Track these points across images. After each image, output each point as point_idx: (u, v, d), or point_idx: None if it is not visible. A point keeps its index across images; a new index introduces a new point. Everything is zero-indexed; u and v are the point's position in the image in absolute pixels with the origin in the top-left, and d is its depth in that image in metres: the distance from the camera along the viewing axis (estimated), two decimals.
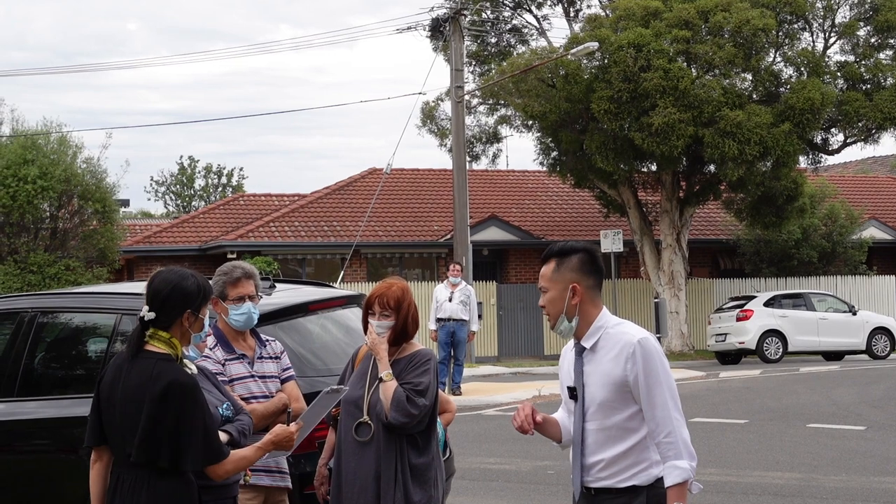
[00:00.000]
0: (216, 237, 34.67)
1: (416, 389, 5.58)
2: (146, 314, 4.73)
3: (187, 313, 4.79)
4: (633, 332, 4.65)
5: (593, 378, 4.66)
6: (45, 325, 7.63)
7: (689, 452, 4.53)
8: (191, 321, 4.79)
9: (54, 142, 28.61)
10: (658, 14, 29.85)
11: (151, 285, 4.82)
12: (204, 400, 4.68)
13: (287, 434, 4.87)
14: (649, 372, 4.54)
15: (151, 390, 4.58)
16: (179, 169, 73.94)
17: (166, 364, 4.66)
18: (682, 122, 28.58)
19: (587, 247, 4.75)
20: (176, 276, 4.81)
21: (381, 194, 33.34)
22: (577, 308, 4.68)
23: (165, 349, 4.71)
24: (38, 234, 28.73)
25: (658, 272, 32.82)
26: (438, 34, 30.39)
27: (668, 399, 4.53)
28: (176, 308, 4.78)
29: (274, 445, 4.85)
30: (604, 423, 4.61)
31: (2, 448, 7.34)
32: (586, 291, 4.70)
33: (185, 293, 4.79)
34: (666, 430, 4.52)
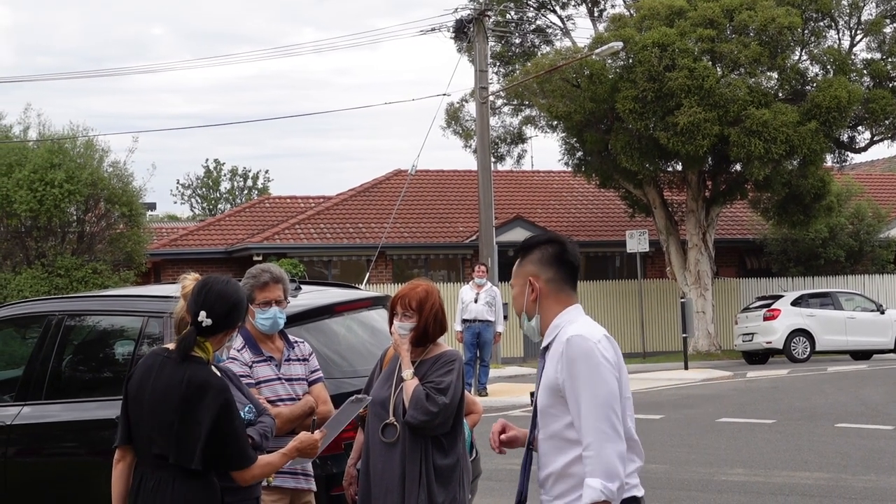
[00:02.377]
0: (242, 240, 34.76)
1: (438, 388, 5.57)
2: (205, 321, 4.75)
3: (237, 325, 4.90)
4: (570, 331, 4.18)
5: (541, 382, 4.29)
6: (72, 329, 7.67)
7: (605, 471, 3.97)
8: (230, 334, 4.88)
9: (81, 146, 28.71)
10: (683, 13, 29.76)
11: (210, 295, 4.80)
12: (235, 404, 4.70)
13: (311, 442, 4.90)
14: (574, 375, 4.09)
15: (185, 393, 4.60)
16: (205, 172, 74.24)
17: (199, 367, 4.68)
18: (707, 122, 28.48)
19: (552, 238, 4.34)
20: (235, 292, 4.85)
21: (407, 196, 33.35)
22: (536, 305, 4.26)
23: (199, 352, 4.74)
24: (66, 238, 28.85)
25: (684, 272, 32.71)
26: (462, 35, 30.37)
27: (594, 408, 4.02)
28: (232, 323, 4.86)
29: (298, 452, 4.88)
30: (546, 432, 4.25)
31: (30, 451, 7.38)
32: (545, 286, 4.24)
33: (243, 311, 4.91)
34: (586, 443, 4.03)
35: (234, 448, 4.60)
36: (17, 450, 7.33)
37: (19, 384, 7.55)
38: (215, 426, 4.57)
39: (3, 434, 7.30)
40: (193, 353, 4.71)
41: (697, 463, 12.51)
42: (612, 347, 4.20)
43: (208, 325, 4.73)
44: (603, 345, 4.14)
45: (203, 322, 4.72)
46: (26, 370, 7.56)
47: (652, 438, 14.61)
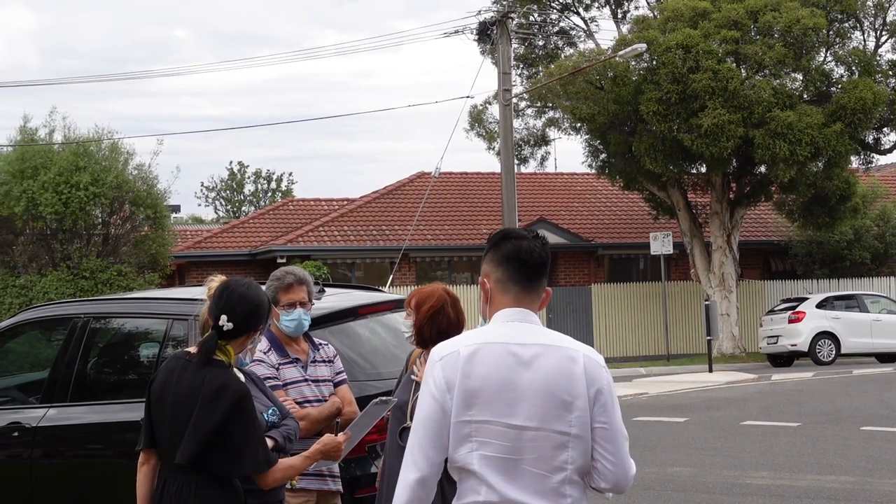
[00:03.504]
0: (266, 242, 34.85)
1: None
2: (226, 325, 4.77)
3: (259, 328, 4.89)
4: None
5: None
6: (97, 331, 7.70)
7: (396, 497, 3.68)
8: (252, 338, 4.89)
9: (106, 149, 28.85)
10: (706, 15, 29.69)
11: (231, 298, 4.81)
12: (255, 408, 4.71)
13: (335, 444, 4.91)
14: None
15: (205, 396, 4.61)
16: (229, 174, 74.48)
17: (220, 371, 4.69)
18: (731, 124, 28.40)
19: (506, 233, 3.91)
20: (256, 295, 4.86)
21: (430, 198, 33.36)
22: (487, 307, 3.88)
23: (220, 356, 4.75)
24: (91, 241, 28.98)
25: (708, 274, 32.62)
26: (486, 37, 30.35)
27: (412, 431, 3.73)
28: (254, 326, 4.86)
29: (322, 455, 4.89)
30: None
31: (56, 453, 7.42)
32: (494, 286, 3.84)
33: (264, 313, 4.90)
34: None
35: (246, 451, 4.60)
36: (43, 452, 7.37)
37: (45, 386, 7.60)
38: (237, 430, 4.58)
39: (28, 436, 7.34)
40: (215, 357, 4.72)
41: (722, 466, 12.47)
42: (453, 366, 3.63)
43: (230, 329, 4.75)
44: (441, 364, 3.66)
45: (224, 325, 4.73)
46: (52, 372, 7.60)
47: (676, 441, 14.58)
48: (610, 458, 3.62)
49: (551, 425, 3.57)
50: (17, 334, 8.38)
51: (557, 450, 3.56)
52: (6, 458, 7.49)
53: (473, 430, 3.59)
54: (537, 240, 3.86)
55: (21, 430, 7.35)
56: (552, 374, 3.59)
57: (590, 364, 3.64)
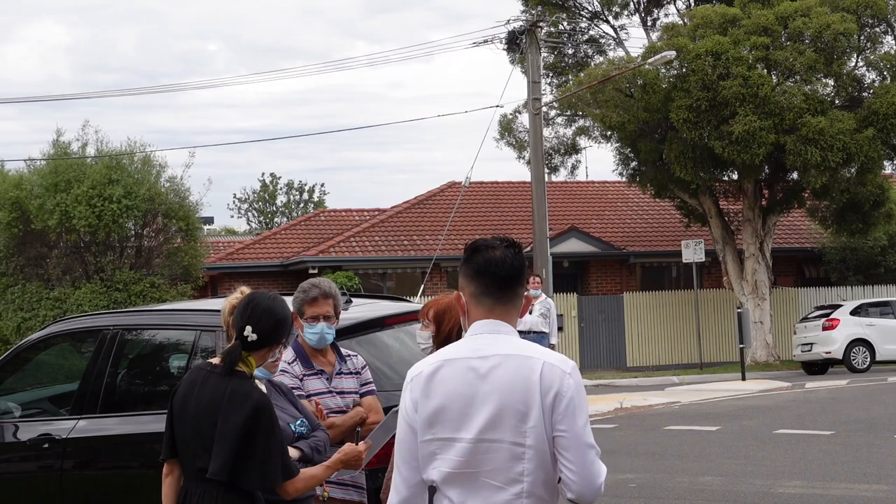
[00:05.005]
0: (298, 253, 34.96)
1: None
2: (250, 335, 4.80)
3: (282, 341, 4.95)
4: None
5: None
6: (127, 342, 7.75)
7: None
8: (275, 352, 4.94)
9: (138, 161, 29.02)
10: (736, 21, 29.58)
11: (256, 310, 4.84)
12: (276, 418, 4.73)
13: (355, 453, 4.95)
14: None
15: (227, 406, 4.64)
16: (261, 186, 74.76)
17: (242, 381, 4.72)
18: (762, 130, 28.28)
19: (477, 245, 3.78)
20: (281, 309, 4.90)
21: (461, 207, 33.38)
22: (465, 320, 3.80)
23: (241, 367, 4.79)
24: (124, 253, 29.16)
25: (741, 282, 32.46)
26: (515, 47, 30.34)
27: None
28: (277, 339, 4.90)
29: (343, 464, 4.92)
30: None
31: (86, 464, 7.47)
32: (469, 300, 3.74)
33: (287, 328, 4.95)
34: None
35: (267, 461, 4.62)
36: (74, 463, 7.42)
37: (75, 398, 7.66)
38: (259, 441, 4.61)
39: (59, 447, 7.39)
40: (237, 368, 4.75)
41: (754, 475, 12.39)
42: (418, 386, 3.65)
43: (253, 340, 4.77)
44: (410, 386, 3.68)
45: (248, 336, 4.76)
46: (82, 384, 7.66)
47: (708, 450, 14.51)
48: (571, 468, 3.50)
49: (505, 436, 3.51)
50: (48, 346, 8.46)
51: (512, 461, 3.51)
52: (37, 469, 7.55)
53: (437, 448, 3.58)
54: (510, 248, 3.76)
55: (51, 442, 7.41)
56: (508, 384, 3.53)
57: (548, 371, 3.53)
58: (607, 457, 13.59)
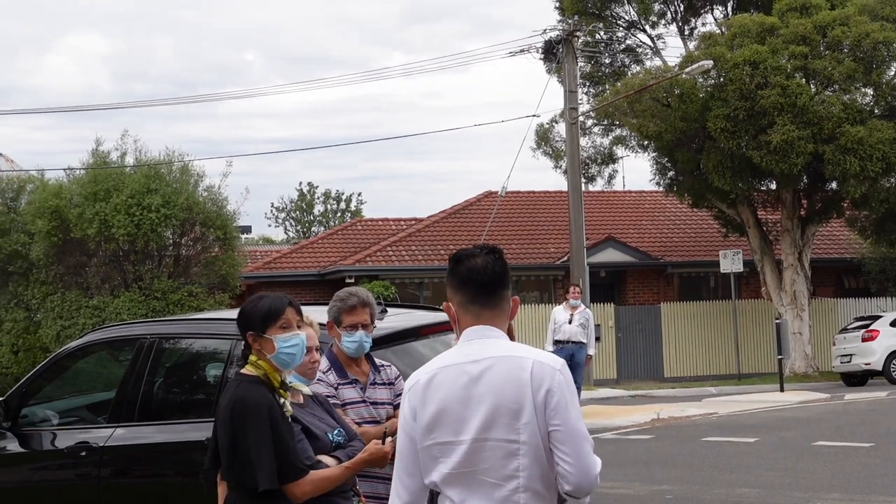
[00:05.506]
0: (335, 262, 35.04)
1: None
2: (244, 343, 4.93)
3: (250, 335, 4.89)
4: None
5: None
6: (164, 351, 7.80)
7: None
8: (259, 342, 4.88)
9: (176, 171, 29.16)
10: (774, 30, 29.44)
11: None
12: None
13: (381, 453, 4.91)
14: None
15: (219, 409, 4.76)
16: (299, 195, 75.04)
17: (238, 384, 4.79)
18: (801, 140, 28.11)
19: (459, 255, 3.93)
20: (246, 304, 4.97)
21: (497, 217, 33.38)
22: (456, 328, 3.90)
23: (252, 370, 4.83)
24: (162, 262, 29.30)
25: (780, 292, 32.25)
26: (551, 56, 30.36)
27: None
28: (242, 331, 4.94)
29: (366, 464, 4.89)
30: None
31: (122, 472, 7.51)
32: (458, 309, 3.86)
33: (244, 315, 4.95)
34: None
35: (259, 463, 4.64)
36: (111, 471, 7.47)
37: (112, 406, 7.71)
38: (240, 440, 4.68)
39: (96, 455, 7.44)
40: (247, 372, 4.82)
41: (793, 487, 12.30)
42: (415, 395, 3.75)
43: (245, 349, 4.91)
44: (408, 395, 3.78)
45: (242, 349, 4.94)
46: (119, 392, 7.72)
47: (746, 462, 14.41)
48: (567, 460, 3.58)
49: (500, 434, 3.61)
50: (86, 354, 8.53)
51: (507, 458, 3.61)
52: (75, 477, 7.60)
53: (438, 452, 3.69)
54: (490, 255, 3.88)
55: (88, 450, 7.46)
56: (500, 384, 3.63)
57: (538, 368, 3.63)
58: (644, 468, 13.65)
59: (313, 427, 5.14)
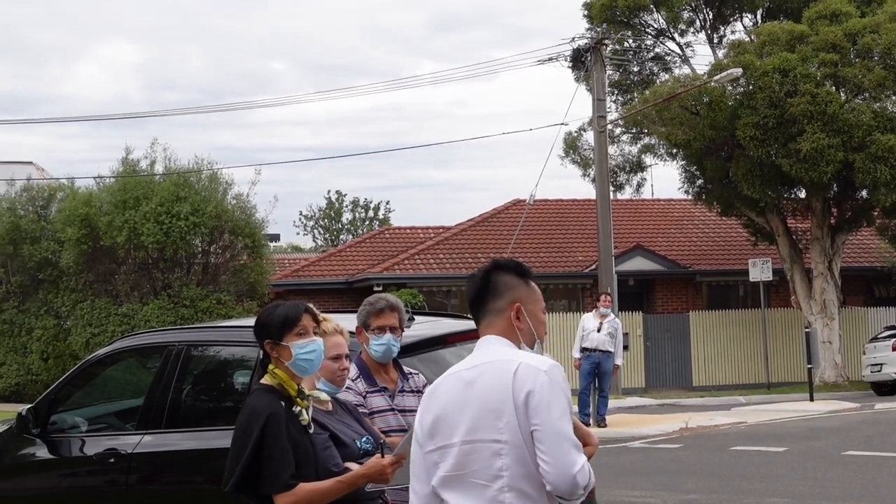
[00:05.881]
0: (362, 270, 35.08)
1: None
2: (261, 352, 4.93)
3: (267, 343, 4.87)
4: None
5: None
6: (191, 358, 7.82)
7: None
8: (276, 349, 4.87)
9: (205, 179, 29.31)
10: (804, 38, 29.31)
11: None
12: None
13: (380, 467, 4.80)
14: None
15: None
16: (327, 203, 75.18)
17: (255, 394, 4.80)
18: (831, 148, 27.97)
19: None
20: (262, 310, 4.99)
21: (525, 225, 33.35)
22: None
23: (268, 380, 4.83)
24: (191, 269, 29.44)
25: (809, 301, 32.08)
26: (580, 64, 30.32)
27: None
28: (258, 339, 4.92)
29: (366, 479, 4.80)
30: None
31: (150, 479, 7.54)
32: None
33: (258, 323, 4.95)
34: None
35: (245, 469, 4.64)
36: (138, 478, 7.49)
37: (140, 413, 7.74)
38: (234, 447, 4.72)
39: (124, 462, 7.47)
40: (263, 382, 4.83)
41: (822, 497, 12.22)
42: (425, 400, 3.95)
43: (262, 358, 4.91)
44: (420, 405, 3.98)
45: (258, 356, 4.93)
46: (147, 399, 7.75)
47: (775, 471, 14.34)
48: (546, 459, 3.61)
49: (486, 435, 3.71)
50: (114, 361, 8.56)
51: (493, 458, 3.69)
52: (103, 483, 7.63)
53: (437, 457, 3.82)
54: (479, 270, 4.12)
55: (117, 457, 7.49)
56: (487, 387, 3.74)
57: (522, 370, 3.71)
58: (672, 477, 13.60)
59: (342, 434, 5.13)
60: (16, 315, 30.48)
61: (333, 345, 5.42)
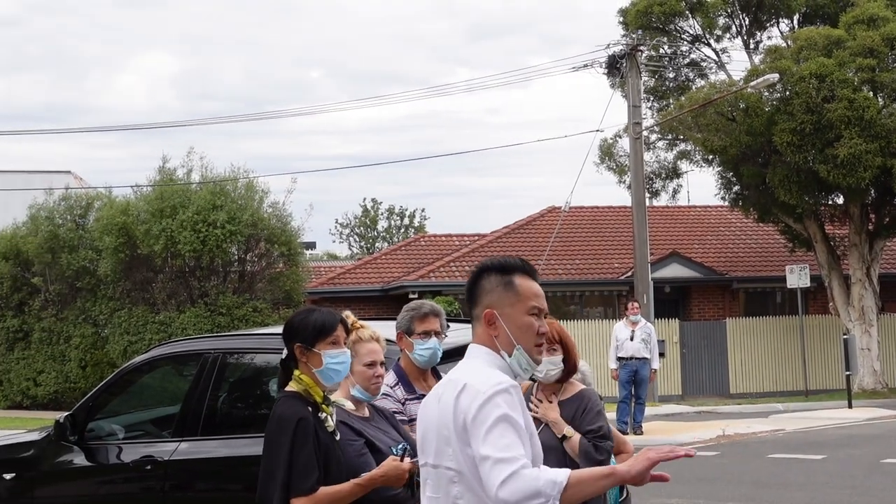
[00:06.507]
0: (398, 278, 35.12)
1: (599, 435, 5.57)
2: (284, 352, 4.90)
3: (297, 346, 4.85)
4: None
5: None
6: (227, 366, 7.85)
7: None
8: (305, 355, 4.85)
9: (241, 187, 29.40)
10: (841, 43, 29.11)
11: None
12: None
13: (398, 471, 4.83)
14: None
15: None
16: (363, 211, 75.36)
17: (281, 400, 4.82)
18: (868, 153, 27.76)
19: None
20: (295, 313, 4.97)
21: (560, 232, 33.29)
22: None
23: (293, 386, 4.83)
24: (227, 277, 29.53)
25: (848, 308, 31.84)
26: (615, 71, 30.27)
27: None
28: (287, 341, 4.90)
29: (383, 480, 4.81)
30: None
31: (186, 486, 7.57)
32: None
33: (293, 325, 4.91)
34: None
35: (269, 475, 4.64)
36: (174, 485, 7.53)
37: (176, 420, 7.78)
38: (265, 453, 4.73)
39: (160, 469, 7.50)
40: (289, 389, 4.83)
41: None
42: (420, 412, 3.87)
43: (283, 356, 4.87)
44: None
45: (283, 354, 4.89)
46: (183, 406, 7.79)
47: (813, 479, 14.23)
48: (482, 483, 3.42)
49: (442, 461, 3.59)
50: (151, 369, 8.61)
51: (449, 485, 3.56)
52: (139, 490, 7.67)
53: (425, 474, 3.75)
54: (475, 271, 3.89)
55: (153, 464, 7.53)
56: (443, 409, 3.58)
57: (465, 395, 3.51)
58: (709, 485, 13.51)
59: (377, 441, 5.13)
60: (54, 323, 30.70)
61: (369, 351, 5.43)
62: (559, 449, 5.67)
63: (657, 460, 3.32)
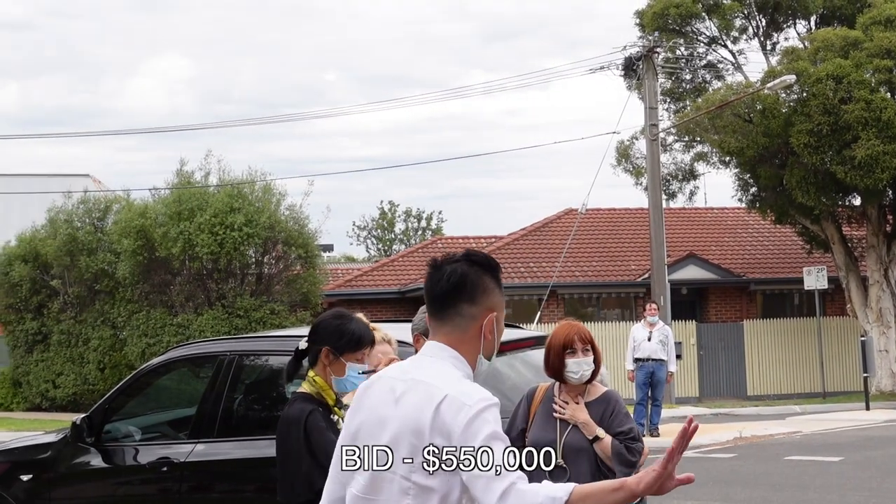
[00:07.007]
0: (415, 280, 35.15)
1: (630, 437, 5.59)
2: (301, 344, 4.88)
3: (326, 349, 4.85)
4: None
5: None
6: (243, 368, 7.90)
7: None
8: (329, 359, 4.86)
9: (259, 190, 29.49)
10: (858, 44, 29.03)
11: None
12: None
13: None
14: None
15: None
16: (380, 213, 75.47)
17: (292, 403, 4.82)
18: (886, 154, 27.68)
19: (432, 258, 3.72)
20: (331, 314, 4.96)
21: (577, 234, 33.26)
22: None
23: (306, 388, 4.84)
24: (245, 280, 29.61)
25: (865, 309, 31.75)
26: (632, 73, 30.25)
27: None
28: (317, 341, 4.89)
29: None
30: None
31: (202, 487, 7.61)
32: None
33: (329, 328, 4.90)
34: None
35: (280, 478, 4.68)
36: (190, 486, 7.57)
37: (193, 422, 7.82)
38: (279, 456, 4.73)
39: (177, 470, 7.55)
40: (301, 390, 4.85)
41: None
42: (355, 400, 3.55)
43: (303, 348, 4.86)
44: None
45: (299, 345, 4.87)
46: (199, 408, 7.83)
47: (830, 481, 14.20)
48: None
49: (398, 468, 3.30)
50: (168, 371, 8.67)
51: (401, 496, 3.29)
52: (156, 492, 7.71)
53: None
54: (441, 267, 3.57)
55: (170, 465, 7.57)
56: (407, 413, 3.31)
57: (445, 407, 3.25)
58: (725, 487, 13.48)
59: None
60: (73, 326, 30.85)
61: (381, 352, 5.47)
62: (589, 451, 5.67)
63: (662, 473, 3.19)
